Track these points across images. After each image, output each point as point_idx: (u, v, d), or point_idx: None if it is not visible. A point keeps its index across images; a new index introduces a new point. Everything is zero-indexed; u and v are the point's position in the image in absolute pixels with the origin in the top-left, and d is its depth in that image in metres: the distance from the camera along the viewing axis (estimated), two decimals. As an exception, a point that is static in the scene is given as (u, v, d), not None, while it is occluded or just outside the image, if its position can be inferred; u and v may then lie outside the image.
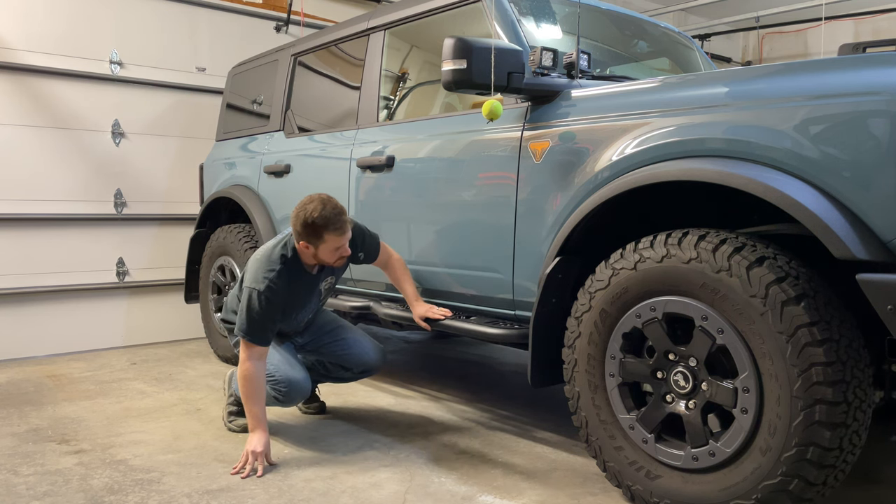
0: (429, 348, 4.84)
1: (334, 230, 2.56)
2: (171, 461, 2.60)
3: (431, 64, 3.30)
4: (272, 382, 2.76)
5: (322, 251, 2.62)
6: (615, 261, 2.17)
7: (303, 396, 2.86)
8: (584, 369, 2.26)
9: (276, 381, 2.76)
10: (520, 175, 2.55)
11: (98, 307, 4.66)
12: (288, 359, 2.84)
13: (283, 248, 2.69)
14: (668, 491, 2.04)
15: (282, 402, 2.81)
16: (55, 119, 4.42)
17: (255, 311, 2.57)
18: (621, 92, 2.34)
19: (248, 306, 2.58)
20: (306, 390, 2.84)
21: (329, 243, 2.59)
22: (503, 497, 2.30)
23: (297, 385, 2.79)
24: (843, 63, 1.84)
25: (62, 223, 4.48)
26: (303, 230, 2.57)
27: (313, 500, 2.27)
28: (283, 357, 2.84)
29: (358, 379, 3.17)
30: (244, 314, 2.60)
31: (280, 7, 5.35)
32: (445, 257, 2.90)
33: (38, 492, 2.33)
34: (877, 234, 1.72)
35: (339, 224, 2.56)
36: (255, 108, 4.31)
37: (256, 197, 4.04)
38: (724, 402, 1.94)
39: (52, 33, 4.37)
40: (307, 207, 2.56)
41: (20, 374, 3.97)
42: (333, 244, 2.59)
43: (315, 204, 2.55)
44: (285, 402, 2.81)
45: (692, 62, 3.44)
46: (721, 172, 1.92)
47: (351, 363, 3.04)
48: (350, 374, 3.10)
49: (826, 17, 6.78)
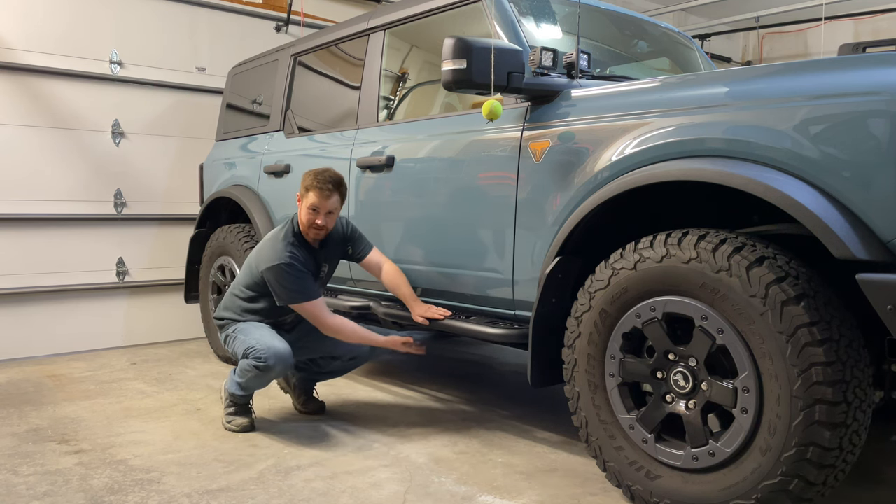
0: (429, 348, 4.82)
1: (316, 188, 2.85)
2: (171, 461, 2.60)
3: (431, 64, 3.30)
4: (253, 353, 2.82)
5: (303, 208, 2.90)
6: (615, 261, 2.17)
7: (283, 365, 2.84)
8: (584, 369, 2.26)
9: (256, 350, 2.81)
10: (520, 175, 2.55)
11: (98, 307, 4.66)
12: (271, 333, 2.93)
13: (288, 227, 2.96)
14: (668, 491, 2.04)
15: (262, 370, 2.80)
16: (55, 119, 4.42)
17: (289, 279, 2.83)
18: (621, 92, 2.34)
19: (280, 279, 2.83)
20: (288, 360, 2.85)
21: (309, 199, 2.87)
22: (503, 497, 2.30)
23: (279, 353, 2.81)
24: (843, 63, 1.84)
25: (62, 223, 4.48)
26: (302, 180, 2.92)
27: (313, 500, 2.27)
28: (268, 333, 2.92)
29: (349, 368, 3.20)
30: (281, 288, 2.84)
31: (280, 7, 5.35)
32: (445, 257, 2.90)
33: (38, 492, 2.33)
34: (877, 233, 1.72)
35: (322, 184, 2.86)
36: (255, 108, 4.31)
37: (256, 197, 4.04)
38: (723, 402, 1.94)
39: (52, 33, 4.37)
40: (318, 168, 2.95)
41: (20, 374, 3.97)
42: (311, 202, 2.86)
43: (324, 168, 2.95)
44: (265, 370, 2.80)
45: (692, 62, 3.44)
46: (721, 172, 1.92)
47: (340, 351, 3.11)
48: (339, 363, 3.15)
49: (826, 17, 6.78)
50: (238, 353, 2.91)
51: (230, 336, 3.00)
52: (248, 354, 2.84)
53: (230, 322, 3.04)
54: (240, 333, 2.95)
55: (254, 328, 2.95)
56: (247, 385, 2.90)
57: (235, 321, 3.02)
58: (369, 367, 4.14)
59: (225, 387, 3.02)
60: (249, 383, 2.89)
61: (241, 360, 2.89)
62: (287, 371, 2.97)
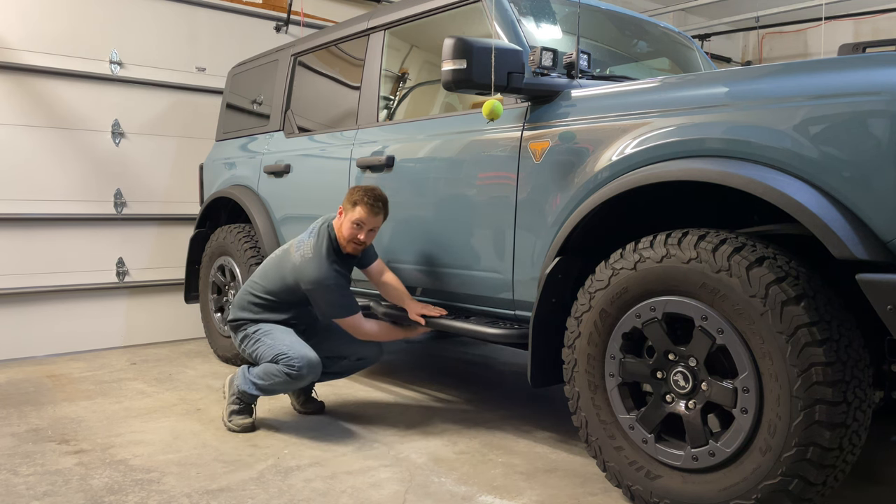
0: (429, 348, 4.84)
1: (366, 204, 2.85)
2: (171, 461, 2.60)
3: (431, 64, 3.30)
4: (285, 360, 2.84)
5: (346, 221, 2.89)
6: (615, 261, 2.17)
7: (314, 374, 2.89)
8: (584, 369, 2.26)
9: (289, 357, 2.84)
10: (520, 175, 2.55)
11: (98, 307, 4.66)
12: (301, 341, 2.96)
13: (326, 241, 2.93)
14: (668, 491, 2.04)
15: (293, 378, 2.85)
16: (55, 119, 4.42)
17: (336, 296, 2.90)
18: (621, 92, 2.34)
19: (326, 297, 2.89)
20: (318, 368, 2.90)
21: (355, 213, 2.86)
22: (503, 497, 2.30)
23: (311, 362, 2.86)
24: (843, 63, 1.84)
25: (62, 223, 4.48)
26: (349, 195, 2.91)
27: (313, 500, 2.27)
28: (297, 339, 2.97)
29: (356, 369, 3.22)
30: (326, 305, 2.91)
31: (280, 7, 5.35)
32: (445, 257, 2.90)
33: (38, 492, 2.33)
34: (877, 234, 1.72)
35: (373, 201, 2.85)
36: (255, 108, 4.31)
37: (256, 197, 4.04)
38: (723, 402, 1.94)
39: (52, 33, 4.37)
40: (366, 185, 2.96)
41: (20, 374, 3.97)
42: (358, 216, 2.86)
43: (372, 186, 2.94)
44: (296, 378, 2.85)
45: (692, 62, 3.44)
46: (721, 172, 1.91)
47: (348, 351, 3.15)
48: (347, 363, 3.17)
49: (826, 17, 6.78)
50: (264, 357, 2.91)
51: (250, 337, 2.99)
52: (278, 360, 2.85)
53: (249, 322, 3.03)
54: (265, 336, 2.95)
55: (280, 332, 2.97)
56: (269, 388, 2.91)
57: (256, 321, 3.02)
58: (369, 367, 4.13)
59: (235, 384, 2.98)
60: (274, 387, 2.90)
61: (269, 363, 2.88)
62: (315, 380, 3.00)
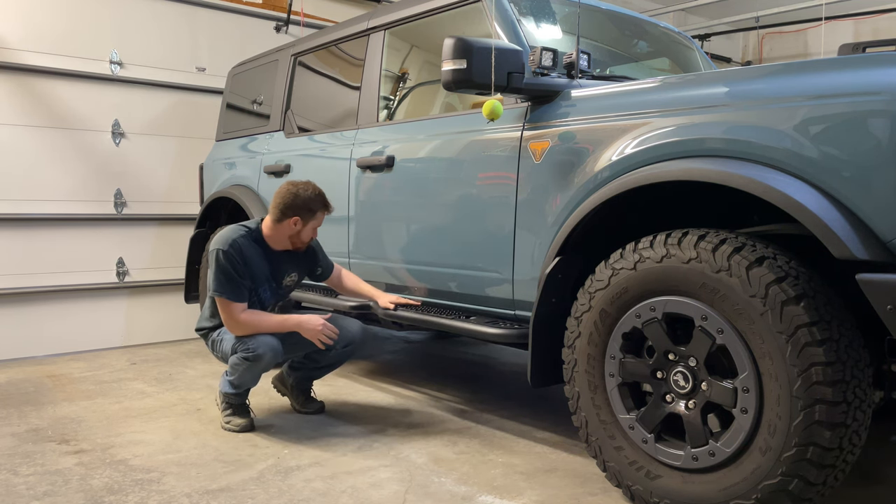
0: (429, 348, 4.84)
1: (324, 208, 2.97)
2: (171, 461, 2.60)
3: (431, 64, 3.30)
4: (241, 346, 2.85)
5: (307, 228, 2.95)
6: (615, 261, 2.17)
7: (273, 353, 2.85)
8: (584, 369, 2.26)
9: (244, 343, 2.86)
10: (520, 175, 2.56)
11: (98, 307, 4.66)
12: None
13: (246, 225, 2.98)
14: (668, 491, 2.04)
15: (251, 360, 2.82)
16: (55, 119, 4.42)
17: (224, 268, 2.83)
18: (621, 92, 2.34)
19: (217, 266, 2.84)
20: (277, 348, 2.86)
21: (317, 220, 2.96)
22: (503, 497, 2.30)
23: (267, 342, 2.84)
24: (843, 63, 1.84)
25: (62, 223, 4.48)
26: (302, 205, 2.90)
27: (313, 500, 2.27)
28: None
29: (345, 357, 3.15)
30: (214, 275, 2.85)
31: (280, 7, 5.35)
32: (445, 257, 2.90)
33: (38, 492, 2.33)
34: (877, 234, 1.72)
35: (327, 205, 2.98)
36: (255, 108, 4.31)
37: (256, 197, 4.04)
38: (723, 401, 1.94)
39: (52, 33, 4.37)
40: (304, 187, 2.93)
41: (20, 374, 3.97)
42: (318, 222, 2.98)
43: (309, 185, 2.95)
44: (255, 360, 2.82)
45: (692, 62, 3.44)
46: (721, 172, 1.91)
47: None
48: (335, 353, 3.09)
49: (826, 17, 6.78)
50: (227, 352, 2.91)
51: (216, 341, 2.99)
52: (236, 349, 2.86)
53: (210, 330, 3.04)
54: (225, 334, 2.95)
55: None
56: (239, 381, 2.90)
57: (217, 327, 3.02)
58: (369, 367, 4.14)
59: (219, 390, 3.01)
60: (241, 378, 2.89)
61: (231, 357, 2.89)
62: (277, 359, 2.93)
